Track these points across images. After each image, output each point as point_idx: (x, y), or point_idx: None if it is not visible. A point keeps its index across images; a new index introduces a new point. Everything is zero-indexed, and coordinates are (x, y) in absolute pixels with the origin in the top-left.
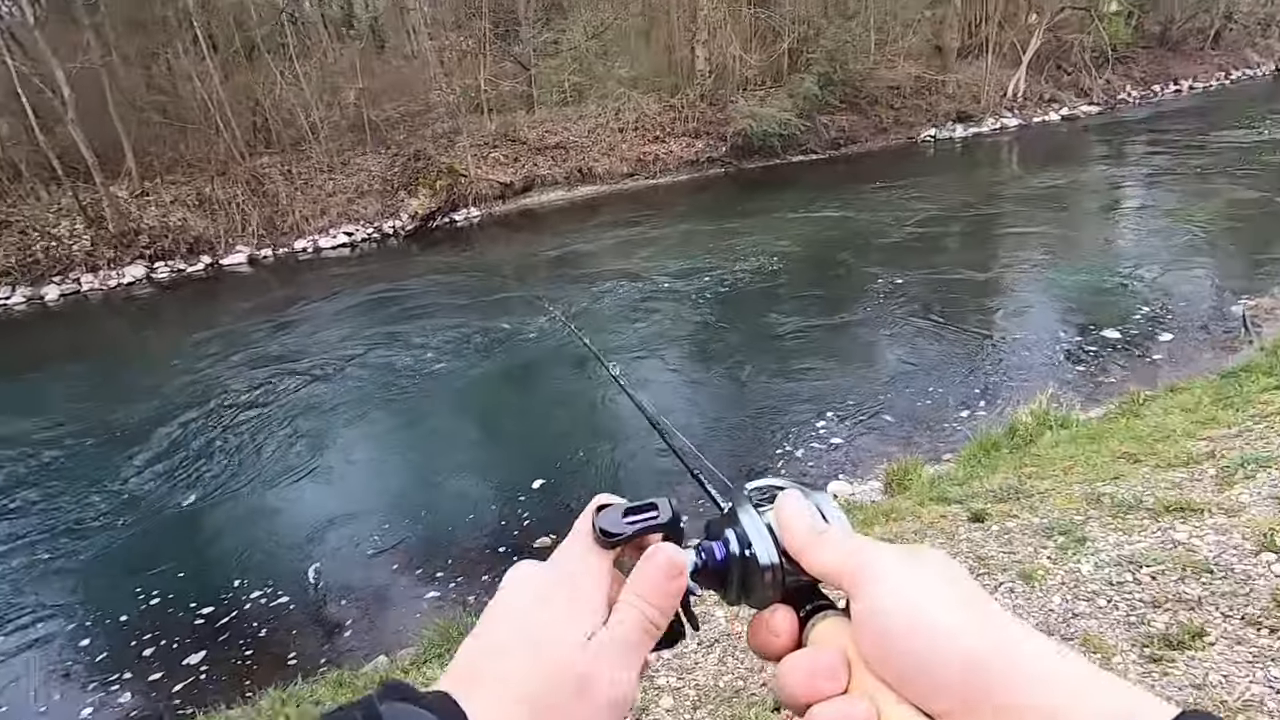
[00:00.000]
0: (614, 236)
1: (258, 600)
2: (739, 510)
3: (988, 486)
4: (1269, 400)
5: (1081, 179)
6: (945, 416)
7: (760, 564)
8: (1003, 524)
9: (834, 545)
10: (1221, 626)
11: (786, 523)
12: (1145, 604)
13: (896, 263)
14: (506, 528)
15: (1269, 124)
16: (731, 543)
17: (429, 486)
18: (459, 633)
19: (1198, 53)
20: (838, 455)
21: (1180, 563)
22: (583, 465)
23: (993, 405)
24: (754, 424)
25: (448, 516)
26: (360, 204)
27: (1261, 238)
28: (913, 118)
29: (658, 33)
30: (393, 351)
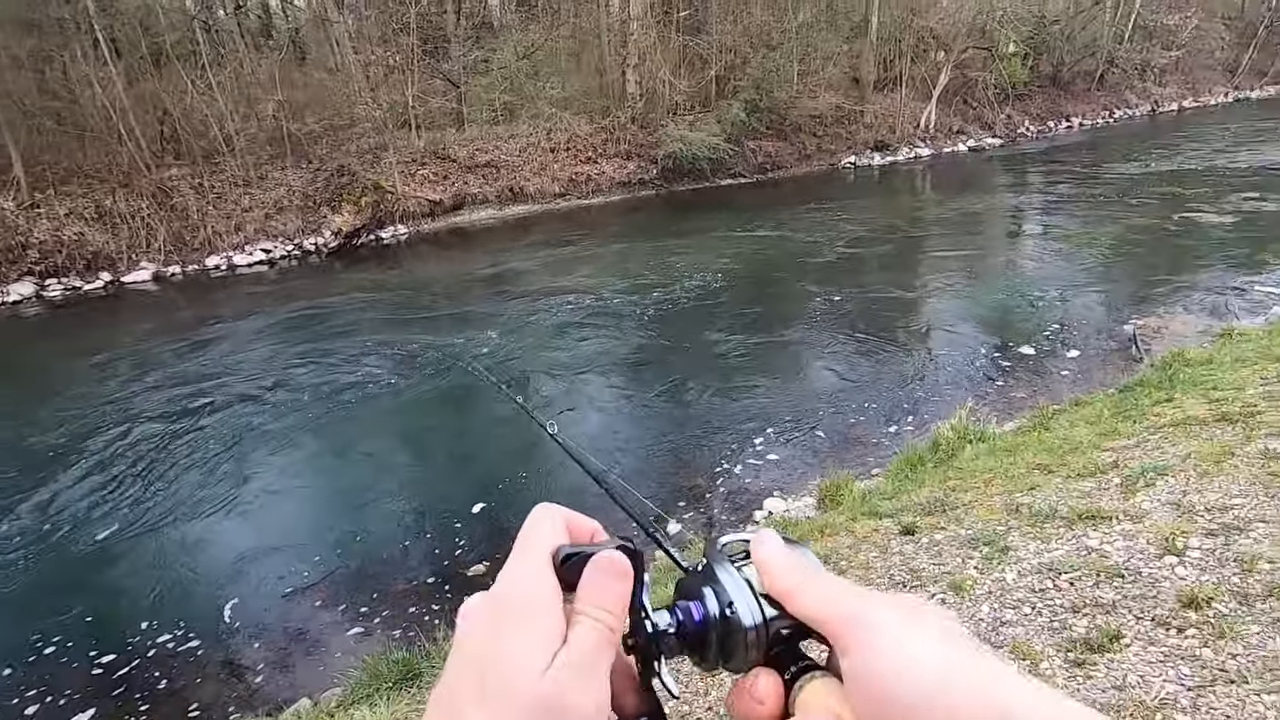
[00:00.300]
0: (547, 256)
1: (164, 645)
2: (716, 567)
3: (916, 500)
4: (1161, 413)
5: (991, 205)
6: (874, 432)
7: (743, 623)
8: (931, 536)
9: (827, 589)
10: (1135, 628)
11: (769, 563)
12: (1066, 609)
13: (826, 283)
14: (438, 556)
15: (1153, 158)
16: (710, 602)
17: (356, 516)
18: (390, 670)
19: (1085, 93)
20: (773, 472)
21: (1095, 568)
22: (521, 490)
23: (918, 420)
24: (690, 442)
25: (376, 547)
26: (279, 220)
27: (1150, 262)
28: (834, 145)
29: (588, 56)
30: (316, 374)
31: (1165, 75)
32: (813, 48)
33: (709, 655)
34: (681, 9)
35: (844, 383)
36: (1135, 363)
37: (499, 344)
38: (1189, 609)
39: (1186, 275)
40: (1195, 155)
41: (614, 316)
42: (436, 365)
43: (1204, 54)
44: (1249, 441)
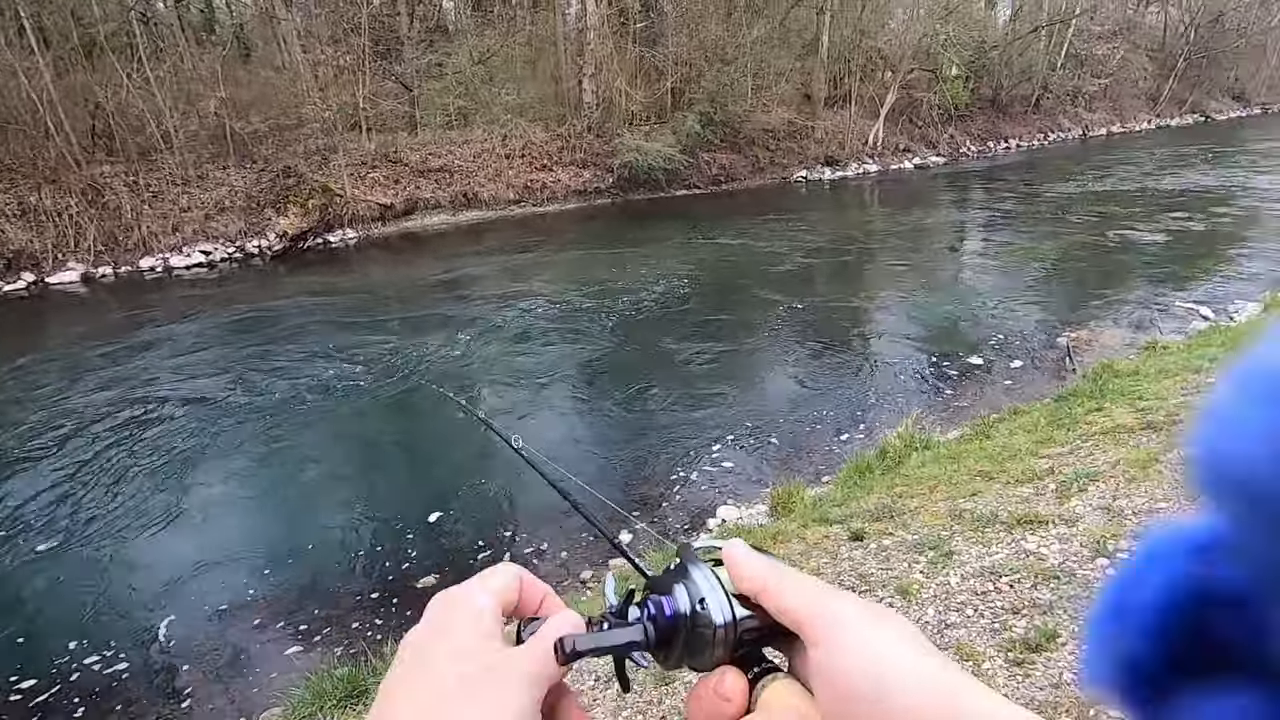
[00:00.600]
0: (502, 262)
1: (91, 667)
2: (689, 565)
3: (864, 506)
4: (1092, 421)
5: (937, 221)
6: (826, 440)
7: (713, 620)
8: (880, 542)
9: (798, 585)
10: (1070, 628)
11: (743, 564)
12: (1006, 611)
13: (781, 293)
14: (387, 568)
15: (1086, 179)
16: (681, 598)
17: (302, 528)
18: (334, 687)
19: (1022, 116)
20: (727, 480)
21: (1033, 571)
22: (475, 499)
23: (868, 428)
24: (646, 451)
25: (322, 559)
26: (220, 221)
27: (1083, 277)
28: (786, 159)
29: (544, 63)
30: (260, 380)
31: (1095, 102)
32: (766, 63)
33: (674, 651)
34: (638, 20)
35: (798, 392)
36: (1070, 373)
37: (453, 351)
38: None
39: (1116, 291)
40: (1124, 177)
41: (571, 324)
42: (389, 372)
43: (1129, 83)
44: (1171, 448)
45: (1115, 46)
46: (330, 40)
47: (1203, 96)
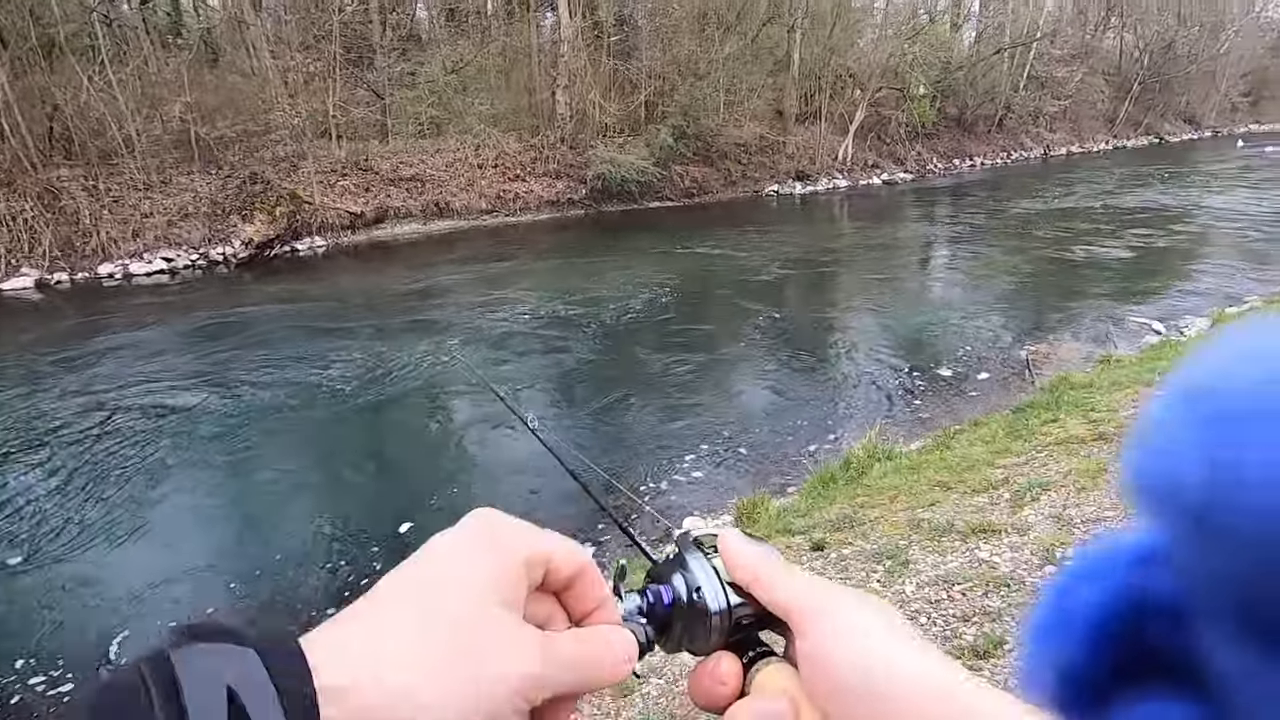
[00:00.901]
0: (474, 272)
1: (35, 689)
2: (686, 555)
3: (827, 517)
4: (1048, 432)
5: (905, 236)
6: (794, 450)
7: (709, 608)
8: (839, 551)
9: (788, 577)
10: (1016, 634)
11: (736, 554)
12: (957, 619)
13: (752, 305)
14: (353, 582)
15: (1048, 197)
16: (678, 586)
17: (263, 541)
18: None
19: (986, 135)
20: (696, 491)
21: (985, 579)
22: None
23: (835, 439)
24: (616, 462)
25: (285, 572)
26: (183, 227)
27: (1044, 292)
28: (758, 173)
29: (518, 74)
30: (222, 389)
31: (1055, 122)
32: (738, 79)
33: (674, 637)
34: (612, 34)
35: (768, 402)
36: (1028, 385)
37: (424, 359)
38: None
39: (1075, 305)
40: (1084, 195)
41: (542, 335)
42: (357, 381)
43: (1088, 105)
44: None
45: (1074, 70)
46: (301, 46)
47: (1157, 119)
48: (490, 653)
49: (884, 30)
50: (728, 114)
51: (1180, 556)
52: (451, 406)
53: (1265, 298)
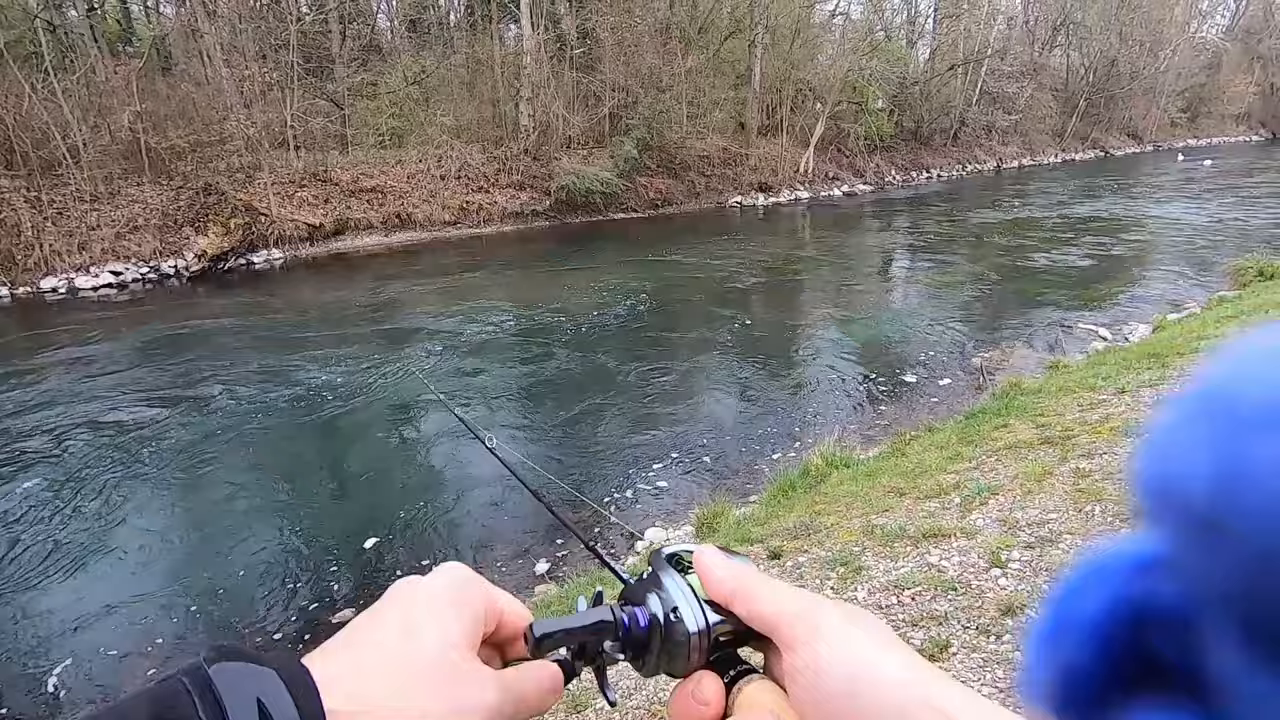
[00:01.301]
0: (437, 284)
1: None
2: (661, 574)
3: (785, 525)
4: (998, 437)
5: (866, 246)
6: (756, 459)
7: (687, 628)
8: (796, 559)
9: (771, 591)
10: (961, 637)
11: (712, 569)
12: (906, 624)
13: (716, 315)
14: (310, 602)
15: (1002, 208)
16: (655, 607)
17: (224, 560)
18: None
19: (942, 148)
20: (660, 501)
21: (933, 583)
22: (407, 527)
23: (797, 447)
24: (581, 473)
25: (238, 595)
26: (133, 240)
27: (999, 299)
28: (721, 185)
29: (481, 86)
30: (171, 406)
31: (1007, 136)
32: (701, 92)
33: (651, 660)
34: (575, 47)
35: (732, 411)
36: (981, 391)
37: (384, 373)
38: (1007, 616)
39: (1028, 312)
40: (1036, 206)
41: (507, 347)
42: (315, 396)
43: (1037, 119)
44: (1064, 462)
45: (1024, 86)
46: (257, 56)
47: (1102, 133)
48: (462, 688)
49: (842, 46)
50: (691, 126)
51: (1185, 562)
52: (414, 422)
53: (1204, 304)
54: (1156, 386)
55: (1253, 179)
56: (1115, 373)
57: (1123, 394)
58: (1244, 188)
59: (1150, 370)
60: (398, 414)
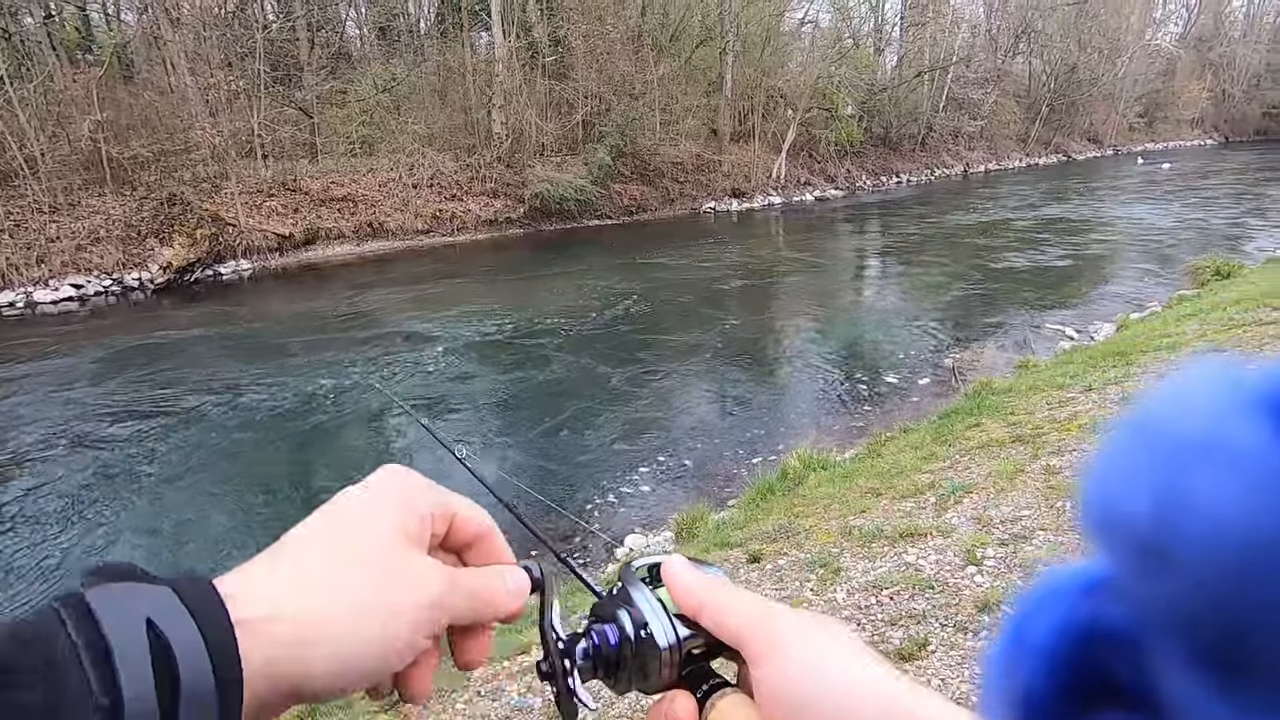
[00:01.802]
0: (410, 293)
1: None
2: (630, 589)
3: (763, 528)
4: (970, 436)
5: (839, 250)
6: (734, 463)
7: (658, 644)
8: (775, 562)
9: (738, 602)
10: (940, 635)
11: (680, 580)
12: (885, 623)
13: (692, 320)
14: None
15: (970, 212)
16: (624, 624)
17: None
18: None
19: (911, 153)
20: (639, 508)
21: (910, 582)
22: None
23: (776, 450)
24: (559, 481)
25: None
26: (94, 252)
27: (969, 300)
28: (695, 191)
29: (453, 93)
30: (138, 423)
31: (973, 141)
32: (673, 99)
33: (623, 677)
34: (547, 54)
35: (710, 416)
36: (954, 391)
37: (358, 385)
38: (983, 613)
39: (997, 313)
40: (1003, 209)
41: (483, 355)
42: (286, 409)
43: (1002, 125)
44: (1035, 459)
45: (988, 92)
46: (222, 64)
47: (1065, 138)
48: (398, 580)
49: (811, 53)
50: (664, 133)
51: (1129, 587)
52: (386, 435)
53: (1165, 303)
54: (1121, 384)
55: (1209, 181)
56: (1082, 371)
57: (1090, 392)
58: (1202, 189)
59: (1115, 368)
60: (368, 429)
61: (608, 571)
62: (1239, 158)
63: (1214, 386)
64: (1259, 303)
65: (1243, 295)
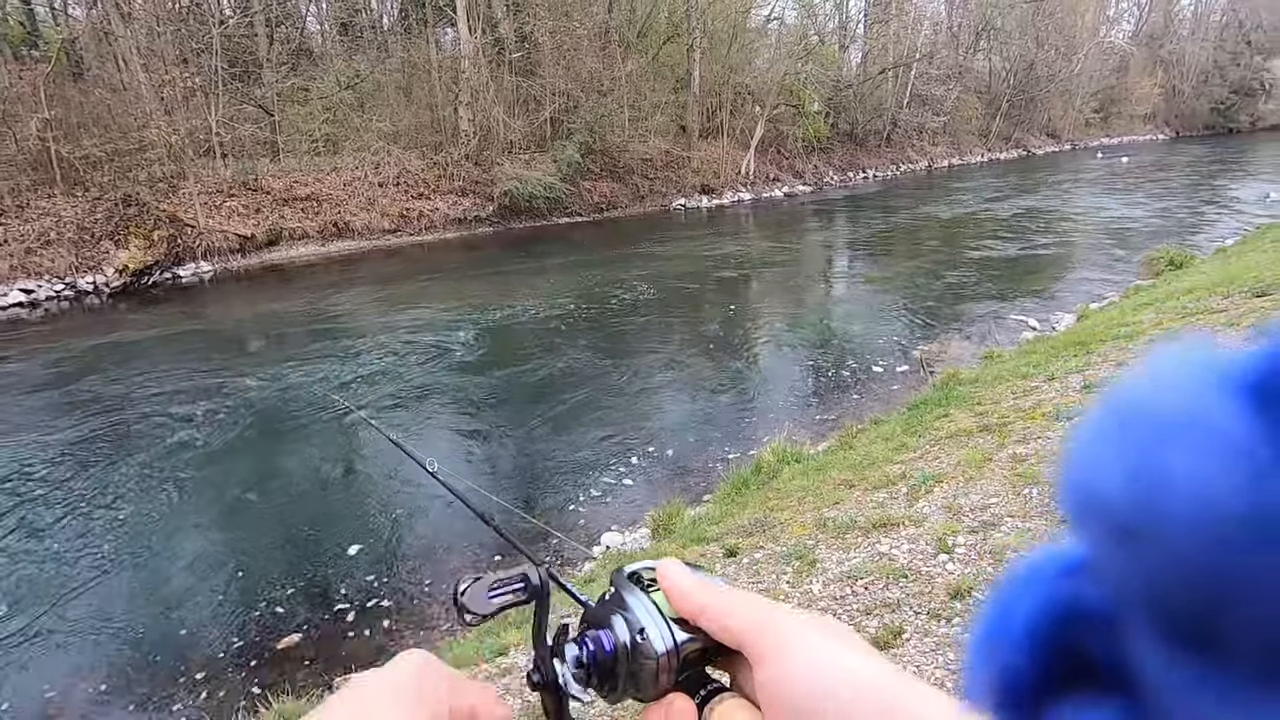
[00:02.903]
0: (377, 294)
1: None
2: (624, 593)
3: (739, 522)
4: (940, 426)
5: (808, 244)
6: (709, 458)
7: (655, 649)
8: (751, 556)
9: (738, 603)
10: (914, 623)
11: (678, 584)
12: (860, 613)
13: (664, 316)
14: (247, 629)
15: (935, 206)
16: (620, 629)
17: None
18: None
19: (877, 149)
20: (613, 505)
21: (885, 571)
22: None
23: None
24: (532, 482)
25: (172, 625)
26: (44, 255)
27: (936, 293)
28: (665, 188)
29: (419, 90)
30: (92, 433)
31: (937, 137)
32: (642, 96)
33: (619, 684)
34: (514, 51)
35: (683, 412)
36: (923, 382)
37: (324, 388)
38: (956, 600)
39: (963, 305)
40: (967, 203)
41: (454, 355)
42: (249, 415)
43: (964, 120)
44: (1002, 448)
45: (951, 88)
46: (177, 60)
47: (1024, 134)
48: None
49: (778, 50)
50: (633, 130)
51: (1104, 567)
52: (354, 446)
53: (1122, 292)
54: (1082, 372)
55: (1165, 174)
56: (1045, 360)
57: (1052, 380)
58: (1160, 181)
59: (1076, 357)
60: (335, 440)
61: (584, 570)
62: (1191, 151)
63: (1190, 366)
64: (1210, 291)
65: (1195, 285)
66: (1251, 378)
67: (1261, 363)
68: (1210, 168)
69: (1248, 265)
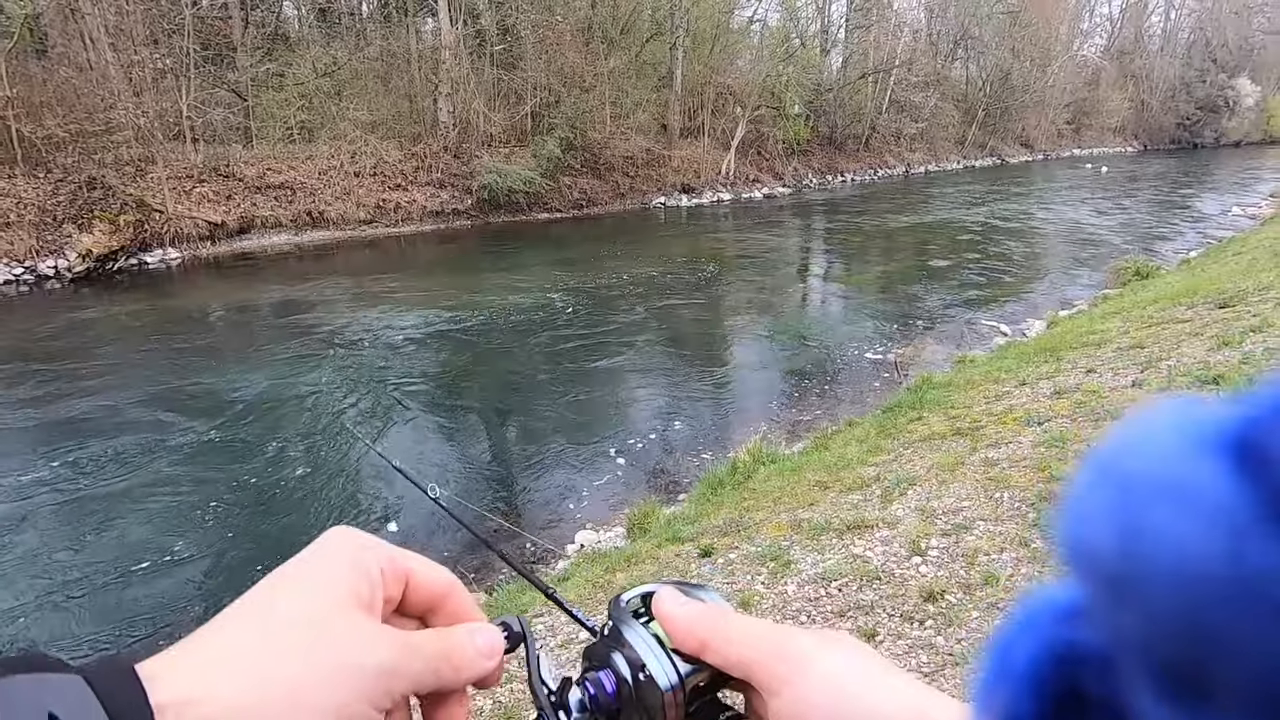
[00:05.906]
0: (351, 286)
1: None
2: (621, 627)
3: (714, 523)
4: (913, 429)
5: (787, 246)
6: (685, 458)
7: (659, 686)
8: (726, 556)
9: (742, 632)
10: (887, 625)
11: (675, 619)
12: (834, 614)
13: (643, 316)
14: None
15: (913, 210)
16: (620, 668)
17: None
18: None
19: (855, 153)
20: (588, 505)
21: (859, 573)
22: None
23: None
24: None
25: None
26: (3, 238)
27: (911, 297)
28: (645, 186)
29: (397, 80)
30: (49, 426)
31: (914, 143)
32: (624, 93)
33: None
34: (495, 44)
35: (661, 412)
36: (897, 385)
37: (292, 383)
38: (928, 602)
39: (937, 310)
40: (943, 209)
41: (428, 351)
42: (213, 412)
43: (941, 127)
44: (975, 451)
45: (928, 95)
46: (148, 40)
47: (999, 142)
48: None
49: (760, 52)
50: (614, 127)
51: (1099, 614)
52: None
53: (1090, 301)
54: (1052, 378)
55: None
56: (1016, 366)
57: (1023, 386)
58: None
59: (1046, 364)
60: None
61: (558, 569)
62: (1159, 164)
63: (1174, 426)
64: (1175, 302)
65: (1160, 295)
66: (1231, 438)
67: (1242, 423)
68: (1177, 179)
69: (1211, 277)
